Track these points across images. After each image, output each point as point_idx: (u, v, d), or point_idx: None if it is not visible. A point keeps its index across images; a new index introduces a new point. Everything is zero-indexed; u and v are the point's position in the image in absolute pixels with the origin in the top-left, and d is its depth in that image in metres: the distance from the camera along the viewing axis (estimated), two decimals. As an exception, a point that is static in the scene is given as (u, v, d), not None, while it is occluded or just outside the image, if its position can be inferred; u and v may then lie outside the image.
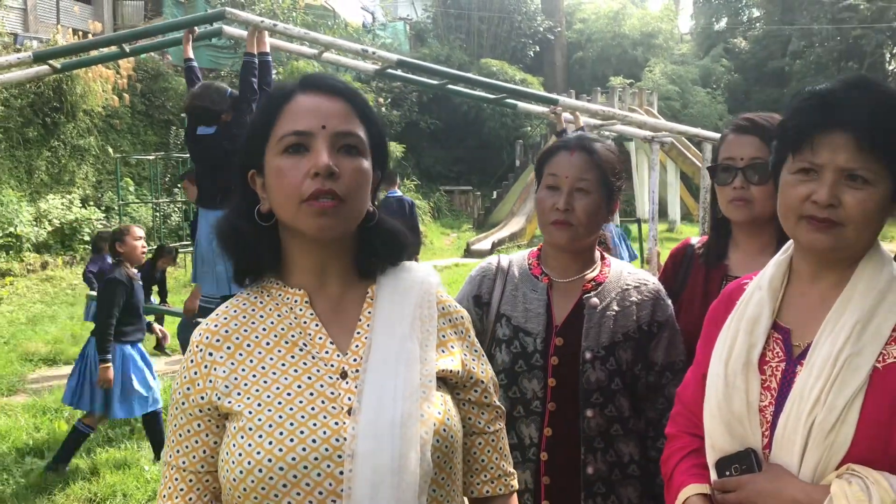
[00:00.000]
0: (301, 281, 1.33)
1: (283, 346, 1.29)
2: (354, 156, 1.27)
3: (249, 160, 1.32)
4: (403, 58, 4.91)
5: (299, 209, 1.23)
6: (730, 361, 1.44)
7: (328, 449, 1.18)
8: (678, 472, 1.52)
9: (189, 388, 1.28)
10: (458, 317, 1.42)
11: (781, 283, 1.47)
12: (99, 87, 15.76)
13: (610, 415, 1.96)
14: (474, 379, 1.39)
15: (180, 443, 1.29)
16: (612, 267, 2.08)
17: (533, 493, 1.96)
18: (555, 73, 29.97)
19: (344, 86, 1.32)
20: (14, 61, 4.49)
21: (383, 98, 22.53)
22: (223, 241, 1.34)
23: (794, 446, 1.31)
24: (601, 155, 1.99)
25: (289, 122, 1.26)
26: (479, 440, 1.40)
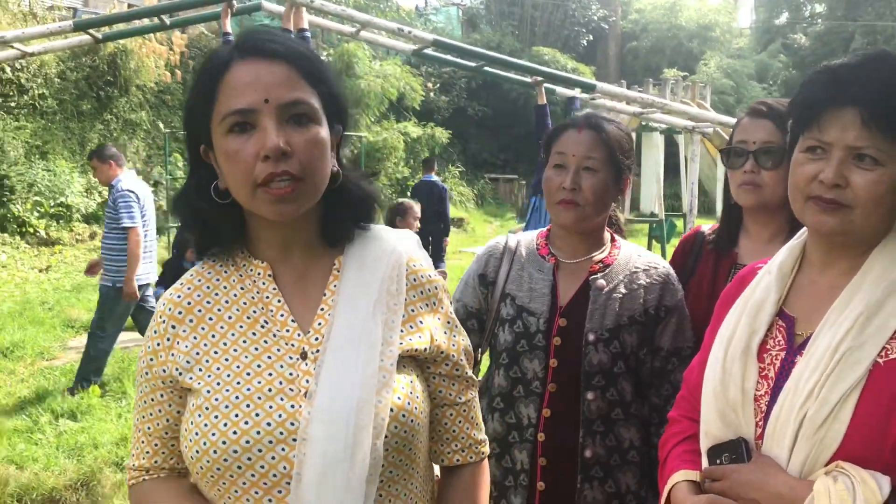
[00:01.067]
0: (265, 253, 1.27)
1: (245, 322, 1.24)
2: (306, 125, 1.17)
3: (197, 135, 1.23)
4: (439, 38, 4.88)
5: (255, 195, 1.16)
6: (730, 347, 1.39)
7: (282, 432, 1.15)
8: (672, 457, 1.49)
9: (152, 360, 1.26)
10: (430, 287, 1.34)
11: (792, 269, 1.41)
12: (152, 63, 16.03)
13: (611, 398, 1.93)
14: (444, 353, 1.33)
15: (145, 409, 1.28)
16: (622, 249, 2.04)
17: (529, 473, 1.94)
18: (607, 63, 29.63)
19: (284, 47, 1.19)
20: (55, 29, 4.57)
21: (432, 83, 22.51)
22: (183, 220, 1.28)
23: (784, 439, 1.25)
24: (610, 133, 1.95)
25: (229, 98, 1.15)
26: (450, 411, 1.37)
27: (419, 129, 20.99)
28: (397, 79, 19.52)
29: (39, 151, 13.10)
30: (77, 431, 5.01)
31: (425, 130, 21.01)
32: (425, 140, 20.80)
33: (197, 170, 1.26)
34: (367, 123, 19.19)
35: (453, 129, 22.16)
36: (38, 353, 6.91)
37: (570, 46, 28.57)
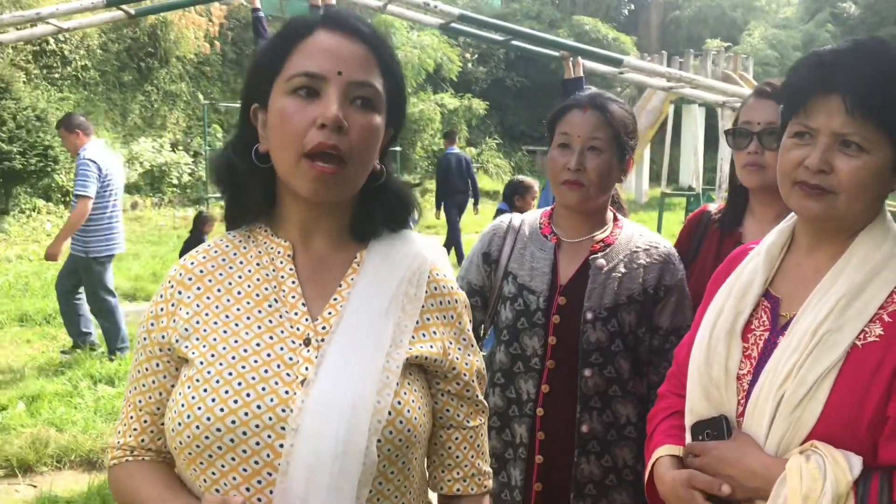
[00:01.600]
0: (288, 233, 1.24)
1: (254, 299, 1.20)
2: (368, 110, 1.15)
3: (254, 93, 1.21)
4: (465, 12, 4.88)
5: (298, 165, 1.12)
6: (716, 326, 1.42)
7: (271, 418, 1.10)
8: (658, 432, 1.53)
9: (153, 324, 1.21)
10: (450, 300, 1.29)
11: (780, 250, 1.43)
12: (192, 34, 16.18)
13: (609, 376, 1.97)
14: (456, 370, 1.27)
15: (138, 380, 1.22)
16: (624, 229, 2.07)
17: (527, 446, 1.99)
18: (649, 33, 29.17)
19: (369, 29, 1.18)
20: (88, 5, 4.67)
21: (469, 54, 22.37)
22: (218, 178, 1.24)
23: (763, 417, 1.29)
24: (614, 113, 1.96)
25: (303, 60, 1.14)
26: (455, 434, 1.31)
27: (456, 101, 20.92)
28: (434, 49, 19.46)
29: (82, 122, 13.33)
30: (114, 396, 5.18)
31: (462, 102, 20.93)
32: (462, 112, 20.74)
33: (243, 130, 1.24)
34: (404, 95, 19.17)
35: (491, 100, 22.04)
36: (79, 319, 7.11)
37: (611, 16, 28.17)
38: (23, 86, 11.97)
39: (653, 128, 19.27)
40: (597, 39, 25.02)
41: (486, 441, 1.38)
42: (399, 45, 18.71)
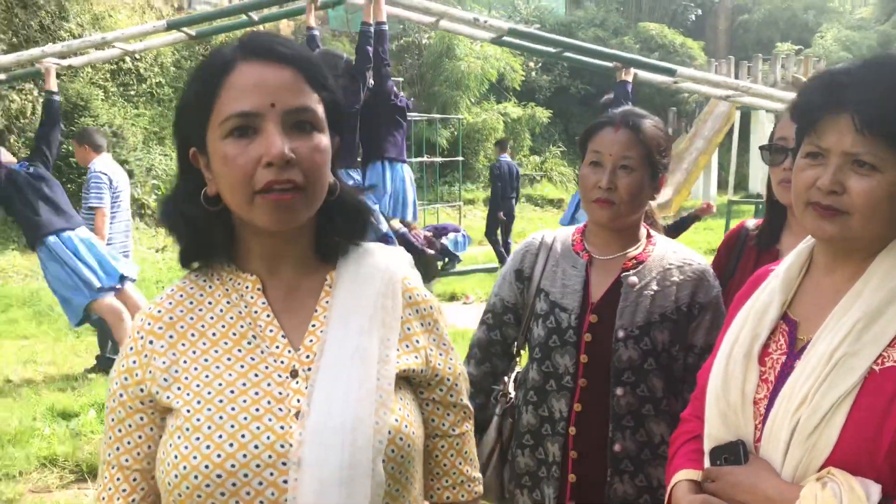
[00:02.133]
0: (254, 266, 1.21)
1: (231, 338, 1.17)
2: (310, 133, 1.11)
3: (188, 138, 1.17)
4: (514, 26, 4.90)
5: (252, 202, 1.09)
6: (733, 349, 1.41)
7: (271, 456, 1.08)
8: (678, 455, 1.52)
9: (127, 379, 1.17)
10: (426, 307, 1.28)
11: (799, 272, 1.41)
12: (259, 50, 16.56)
13: (641, 394, 1.96)
14: (439, 376, 1.27)
15: (121, 439, 1.17)
16: (658, 246, 2.06)
17: (560, 465, 1.99)
18: (716, 38, 28.67)
19: (291, 51, 1.13)
20: (150, 29, 4.88)
21: (533, 62, 22.34)
22: (169, 226, 1.20)
23: (779, 443, 1.27)
24: (646, 132, 1.96)
25: (232, 100, 1.09)
26: (441, 443, 1.31)
27: (519, 110, 20.90)
28: (497, 59, 19.48)
29: (157, 137, 13.77)
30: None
31: (525, 111, 20.90)
32: (525, 120, 20.71)
33: (186, 174, 1.19)
34: (467, 105, 19.25)
35: (555, 108, 21.93)
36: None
37: (677, 21, 27.78)
38: (100, 103, 12.48)
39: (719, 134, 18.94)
40: (663, 45, 24.73)
41: (473, 447, 1.37)
42: (462, 55, 18.80)
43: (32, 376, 6.35)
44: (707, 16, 29.16)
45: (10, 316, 8.25)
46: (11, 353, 6.98)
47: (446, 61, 18.81)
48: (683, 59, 23.70)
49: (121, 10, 14.53)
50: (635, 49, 23.41)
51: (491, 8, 22.38)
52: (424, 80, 19.56)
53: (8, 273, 10.82)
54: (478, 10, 19.78)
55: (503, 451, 2.13)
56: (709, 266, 2.05)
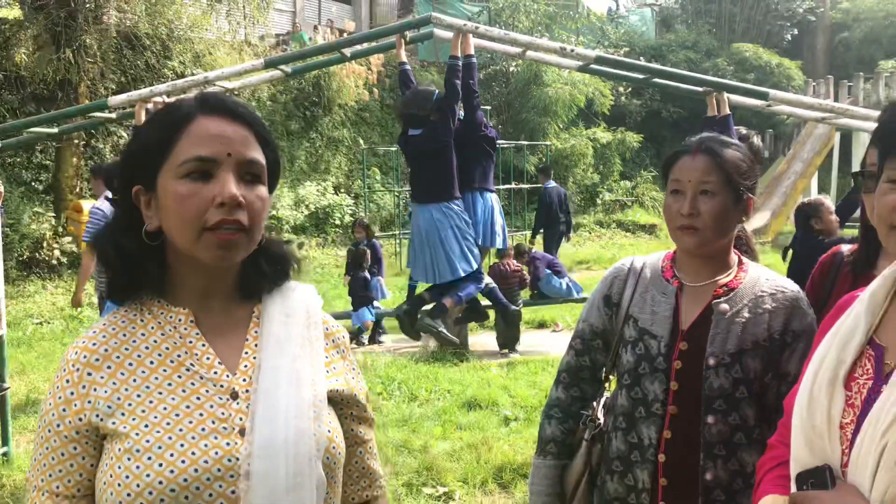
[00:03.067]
0: (185, 301, 1.31)
1: (169, 366, 1.27)
2: (256, 184, 1.27)
3: (136, 176, 1.28)
4: (602, 55, 4.90)
5: (201, 237, 1.22)
6: (818, 375, 1.40)
7: (220, 469, 1.19)
8: (765, 481, 1.52)
9: (65, 410, 1.23)
10: (339, 336, 1.45)
11: (885, 298, 1.39)
12: (352, 83, 17.05)
13: (733, 423, 1.93)
14: (356, 396, 1.42)
15: (53, 467, 1.24)
16: (749, 273, 2.04)
17: (650, 492, 1.98)
18: (815, 57, 27.88)
19: (245, 110, 1.30)
20: (249, 68, 5.12)
21: (623, 87, 22.20)
22: (103, 257, 1.30)
23: (866, 468, 1.25)
24: (724, 156, 1.96)
25: (192, 145, 1.23)
26: (359, 449, 1.46)
27: (609, 135, 20.77)
28: (585, 84, 19.46)
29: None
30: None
31: (615, 136, 20.76)
32: (615, 146, 20.56)
33: (126, 211, 1.30)
34: (555, 131, 19.26)
35: (646, 132, 21.71)
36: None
37: (772, 41, 27.17)
38: (201, 138, 13.01)
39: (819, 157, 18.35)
40: (759, 66, 24.18)
41: (375, 447, 1.53)
42: (550, 82, 18.86)
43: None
44: (804, 35, 28.39)
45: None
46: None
47: (534, 88, 18.91)
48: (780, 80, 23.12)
49: (220, 48, 15.21)
50: (729, 71, 22.98)
51: (580, 34, 22.40)
52: (512, 108, 19.70)
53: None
54: (565, 36, 19.84)
55: (592, 476, 2.13)
56: (802, 293, 2.02)
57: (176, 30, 14.29)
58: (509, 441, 5.52)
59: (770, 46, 26.27)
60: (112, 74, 13.40)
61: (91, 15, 12.86)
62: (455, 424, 5.95)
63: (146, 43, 13.83)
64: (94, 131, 12.81)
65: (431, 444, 5.45)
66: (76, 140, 12.65)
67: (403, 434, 5.69)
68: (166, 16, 13.96)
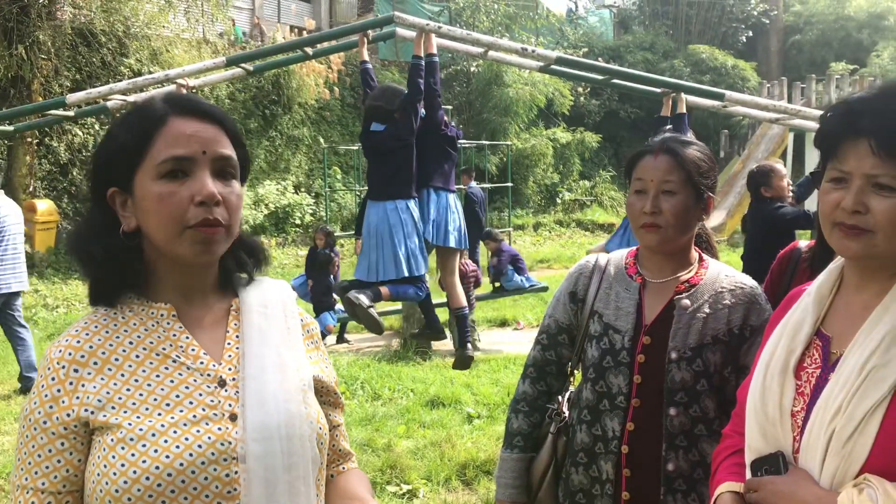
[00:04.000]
0: (167, 296, 1.34)
1: (155, 359, 1.29)
2: (230, 180, 1.31)
3: (112, 179, 1.30)
4: (562, 55, 4.97)
5: (182, 235, 1.25)
6: (769, 366, 1.47)
7: (214, 453, 1.23)
8: (720, 469, 1.58)
9: (52, 407, 1.24)
10: (312, 328, 1.52)
11: (831, 290, 1.48)
12: (312, 82, 16.94)
13: (694, 415, 1.99)
14: (330, 384, 1.49)
15: (39, 463, 1.24)
16: (710, 269, 2.09)
17: (614, 483, 2.02)
18: (769, 59, 28.40)
19: (216, 109, 1.34)
20: (211, 65, 5.08)
21: (582, 87, 22.40)
22: (81, 261, 1.33)
23: (816, 453, 1.33)
24: (686, 156, 2.01)
25: (168, 146, 1.26)
26: (335, 433, 1.54)
27: (568, 135, 20.94)
28: (546, 85, 19.60)
29: (213, 168, 14.11)
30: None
31: (574, 136, 20.94)
32: (574, 146, 20.75)
33: (100, 213, 1.32)
34: (516, 131, 19.37)
35: (604, 132, 21.93)
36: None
37: (728, 43, 27.62)
38: (159, 136, 12.83)
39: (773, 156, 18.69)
40: (714, 67, 24.56)
41: (345, 428, 1.60)
42: (510, 82, 18.95)
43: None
44: (759, 37, 28.90)
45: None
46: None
47: (495, 88, 18.99)
48: (735, 82, 23.51)
49: (178, 45, 15.02)
50: (686, 72, 23.31)
51: (539, 35, 22.54)
52: (473, 108, 19.76)
53: (72, 301, 11.20)
54: (525, 36, 19.97)
55: (557, 468, 2.17)
56: (760, 290, 2.08)
57: (132, 26, 14.08)
58: (472, 438, 5.56)
59: (725, 48, 26.70)
60: (67, 72, 13.16)
61: (44, 10, 12.63)
62: (418, 423, 5.97)
63: (102, 40, 13.61)
64: (49, 129, 12.57)
65: (395, 443, 5.47)
66: (29, 138, 12.41)
67: (367, 433, 5.69)
68: (123, 12, 13.75)
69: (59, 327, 9.30)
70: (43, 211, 11.96)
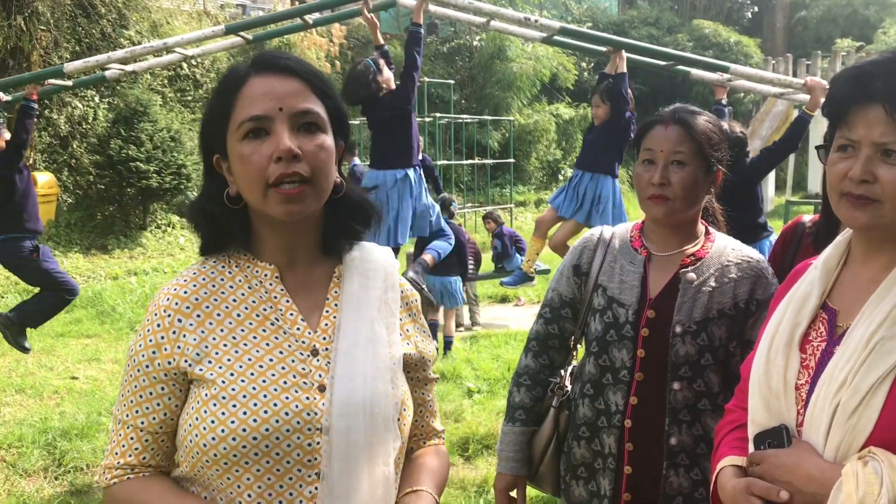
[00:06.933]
0: (271, 258, 1.36)
1: (255, 319, 1.31)
2: (315, 133, 1.28)
3: (212, 146, 1.33)
4: (566, 25, 4.90)
5: (267, 195, 1.25)
6: (775, 338, 1.45)
7: (299, 422, 1.24)
8: (723, 444, 1.56)
9: (155, 352, 1.29)
10: (412, 300, 1.49)
11: (837, 263, 1.45)
12: (313, 55, 16.77)
13: (698, 389, 1.97)
14: (424, 359, 1.47)
15: (140, 403, 1.30)
16: (716, 243, 2.06)
17: (616, 457, 2.01)
18: (774, 35, 28.17)
19: (297, 64, 1.31)
20: (209, 34, 5.00)
21: (586, 62, 22.22)
22: (195, 224, 1.37)
23: (820, 426, 1.31)
24: (696, 126, 1.97)
25: (246, 107, 1.26)
26: (421, 409, 1.51)
27: (572, 110, 20.80)
28: (549, 59, 19.43)
29: (213, 142, 14.06)
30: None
31: (578, 111, 20.80)
32: (578, 121, 20.60)
33: (211, 179, 1.36)
34: (518, 106, 19.23)
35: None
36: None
37: (733, 19, 27.41)
38: (159, 109, 12.78)
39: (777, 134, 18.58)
40: (717, 43, 24.37)
41: (436, 404, 1.58)
42: (514, 57, 18.79)
43: (96, 374, 6.55)
44: (764, 13, 28.67)
45: (75, 316, 8.51)
46: (77, 352, 7.21)
47: (497, 63, 18.84)
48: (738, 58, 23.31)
49: (178, 17, 14.87)
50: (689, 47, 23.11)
51: (542, 8, 22.33)
52: (476, 82, 19.60)
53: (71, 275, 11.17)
54: (529, 10, 19.77)
55: (559, 442, 2.15)
56: (766, 264, 2.05)
57: (132, -3, 13.95)
58: (473, 413, 5.55)
59: (730, 24, 26.48)
60: (66, 43, 13.02)
61: (44, -20, 12.49)
62: (419, 397, 5.96)
63: (101, 11, 13.46)
64: (49, 101, 12.47)
65: (395, 417, 5.45)
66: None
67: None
68: (122, -17, 13.61)
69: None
70: (43, 184, 11.87)
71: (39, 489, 4.30)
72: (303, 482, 1.26)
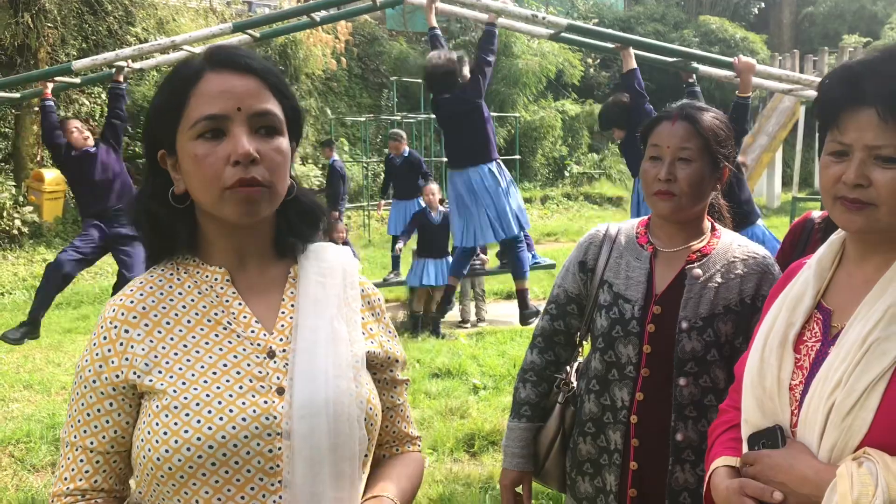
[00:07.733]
0: (220, 261, 1.31)
1: (206, 325, 1.26)
2: (272, 136, 1.23)
3: (158, 140, 1.27)
4: (573, 22, 4.90)
5: (221, 196, 1.20)
6: (769, 338, 1.45)
7: (258, 427, 1.18)
8: (717, 444, 1.56)
9: (102, 366, 1.23)
10: (375, 299, 1.44)
11: (832, 263, 1.45)
12: (319, 52, 16.80)
13: (704, 385, 1.97)
14: (390, 359, 1.41)
15: (88, 422, 1.24)
16: (722, 239, 2.06)
17: (622, 453, 2.01)
18: (781, 31, 28.05)
19: (256, 61, 1.25)
20: (217, 31, 5.02)
21: (592, 59, 22.18)
22: (136, 224, 1.30)
23: (815, 427, 1.31)
24: (703, 122, 1.97)
25: (201, 104, 1.20)
26: (390, 413, 1.45)
27: (577, 107, 20.77)
28: (555, 55, 19.39)
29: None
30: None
31: (584, 108, 20.77)
32: (583, 117, 20.57)
33: (154, 176, 1.29)
34: (524, 103, 19.21)
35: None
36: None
37: (739, 15, 27.24)
38: (165, 106, 12.78)
39: (784, 130, 18.56)
40: (724, 39, 24.27)
41: (409, 409, 1.52)
42: (519, 53, 18.76)
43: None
44: (770, 9, 28.51)
45: (82, 312, 8.56)
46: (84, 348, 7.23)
47: (503, 59, 18.80)
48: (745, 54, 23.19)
49: (184, 13, 14.90)
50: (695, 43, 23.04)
51: (549, 4, 22.29)
52: (482, 79, 19.54)
53: (80, 271, 11.21)
54: (535, 7, 19.74)
55: (565, 438, 2.15)
56: (773, 259, 2.05)
57: (139, -6, 13.98)
58: (478, 409, 5.56)
59: (737, 20, 26.35)
60: (73, 40, 13.07)
61: (51, -22, 12.52)
62: (424, 393, 5.98)
63: (108, 8, 13.51)
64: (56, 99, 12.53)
65: (401, 413, 5.47)
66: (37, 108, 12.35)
67: (373, 403, 5.69)
68: (129, -20, 13.64)
69: (67, 297, 9.32)
70: (51, 181, 11.92)
71: (48, 484, 4.33)
72: (266, 491, 1.20)
